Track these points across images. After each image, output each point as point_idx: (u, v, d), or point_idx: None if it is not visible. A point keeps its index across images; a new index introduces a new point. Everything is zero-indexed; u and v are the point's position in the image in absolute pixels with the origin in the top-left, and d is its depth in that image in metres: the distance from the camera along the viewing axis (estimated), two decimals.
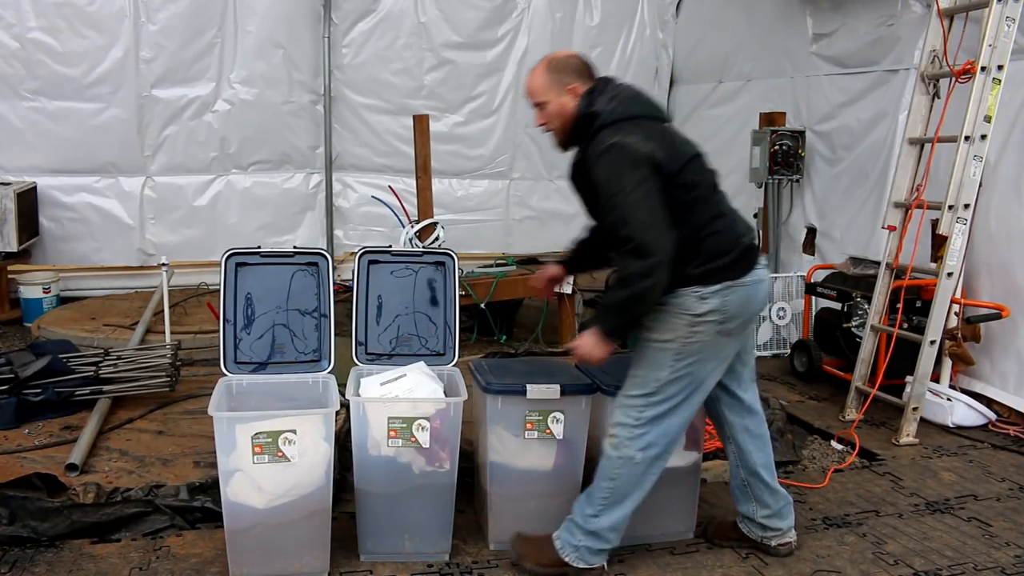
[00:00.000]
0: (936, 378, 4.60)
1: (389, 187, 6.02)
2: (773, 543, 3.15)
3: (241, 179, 7.23)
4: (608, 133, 2.71)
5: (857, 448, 4.20)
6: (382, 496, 2.99)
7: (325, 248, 7.51)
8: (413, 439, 2.96)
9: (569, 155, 2.96)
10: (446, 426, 2.97)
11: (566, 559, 2.90)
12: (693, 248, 2.73)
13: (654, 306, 2.73)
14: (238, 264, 3.35)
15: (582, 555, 2.90)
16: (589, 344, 2.78)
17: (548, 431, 3.08)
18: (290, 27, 7.06)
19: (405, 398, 2.99)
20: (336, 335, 3.32)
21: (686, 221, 2.72)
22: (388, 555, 3.04)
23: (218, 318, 3.35)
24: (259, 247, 3.36)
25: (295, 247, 3.45)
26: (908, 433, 4.35)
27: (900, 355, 4.57)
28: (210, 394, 2.93)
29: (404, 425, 2.94)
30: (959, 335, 4.58)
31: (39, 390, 4.05)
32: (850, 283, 5.12)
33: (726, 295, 2.76)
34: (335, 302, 3.36)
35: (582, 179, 2.84)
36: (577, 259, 3.29)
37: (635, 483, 2.86)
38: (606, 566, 2.98)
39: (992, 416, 4.60)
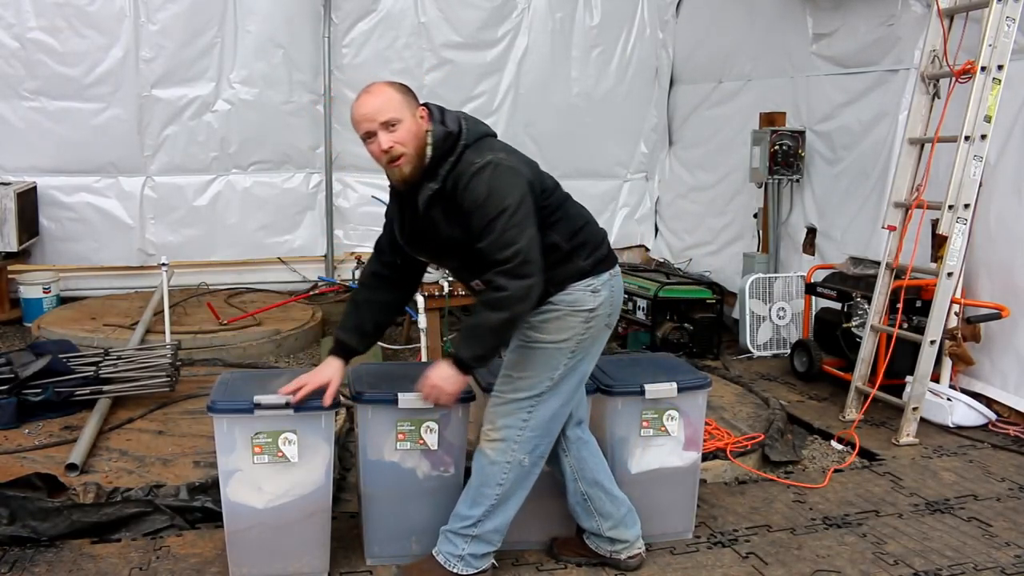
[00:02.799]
0: (936, 378, 4.59)
1: (389, 187, 6.02)
2: (623, 556, 3.01)
3: (241, 179, 7.23)
4: (475, 152, 2.61)
5: (857, 448, 4.20)
6: (389, 499, 2.98)
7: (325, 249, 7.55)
8: (421, 441, 2.96)
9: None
10: (451, 429, 2.97)
11: (455, 571, 2.81)
12: (576, 244, 2.74)
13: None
14: None
15: (468, 563, 2.82)
16: (445, 377, 2.66)
17: None
18: (290, 27, 7.06)
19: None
20: (334, 335, 3.30)
21: (560, 223, 2.73)
22: (395, 558, 3.03)
23: (218, 318, 3.35)
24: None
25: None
26: (908, 433, 4.35)
27: (900, 355, 4.57)
28: (210, 394, 2.93)
29: (412, 428, 2.94)
30: (959, 335, 4.58)
31: (39, 390, 4.05)
32: (850, 283, 5.12)
33: (612, 285, 2.79)
34: (335, 302, 3.35)
35: (437, 208, 2.63)
36: (361, 332, 2.88)
37: (522, 484, 2.82)
38: (495, 563, 2.94)
39: (992, 416, 4.60)
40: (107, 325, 5.68)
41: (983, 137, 4.20)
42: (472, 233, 2.59)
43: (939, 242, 4.47)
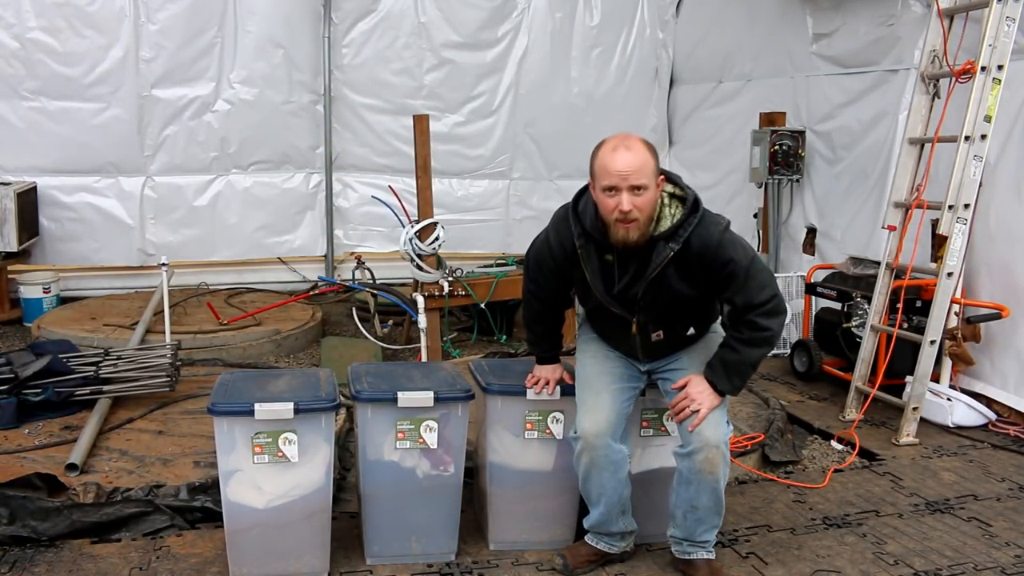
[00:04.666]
0: (936, 378, 4.59)
1: (389, 187, 6.02)
2: (630, 548, 3.11)
3: (241, 179, 7.23)
4: (711, 215, 2.77)
5: (857, 448, 4.20)
6: (389, 499, 2.99)
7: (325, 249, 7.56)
8: (420, 440, 2.96)
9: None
10: (451, 428, 2.97)
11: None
12: None
13: None
14: None
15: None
16: (706, 396, 2.83)
17: (548, 431, 3.09)
18: (290, 27, 7.07)
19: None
20: (334, 335, 3.31)
21: None
22: (395, 557, 3.04)
23: (218, 318, 3.35)
24: None
25: None
26: (908, 433, 4.35)
27: (900, 355, 4.57)
28: (210, 394, 2.93)
29: (412, 427, 2.94)
30: (959, 335, 4.58)
31: (39, 390, 4.05)
32: (850, 283, 5.12)
33: None
34: (334, 302, 3.35)
35: (671, 267, 2.73)
36: (557, 344, 3.18)
37: None
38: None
39: (992, 416, 4.60)
40: (107, 325, 5.68)
41: (983, 137, 4.20)
42: (713, 287, 2.79)
43: (939, 242, 4.47)
